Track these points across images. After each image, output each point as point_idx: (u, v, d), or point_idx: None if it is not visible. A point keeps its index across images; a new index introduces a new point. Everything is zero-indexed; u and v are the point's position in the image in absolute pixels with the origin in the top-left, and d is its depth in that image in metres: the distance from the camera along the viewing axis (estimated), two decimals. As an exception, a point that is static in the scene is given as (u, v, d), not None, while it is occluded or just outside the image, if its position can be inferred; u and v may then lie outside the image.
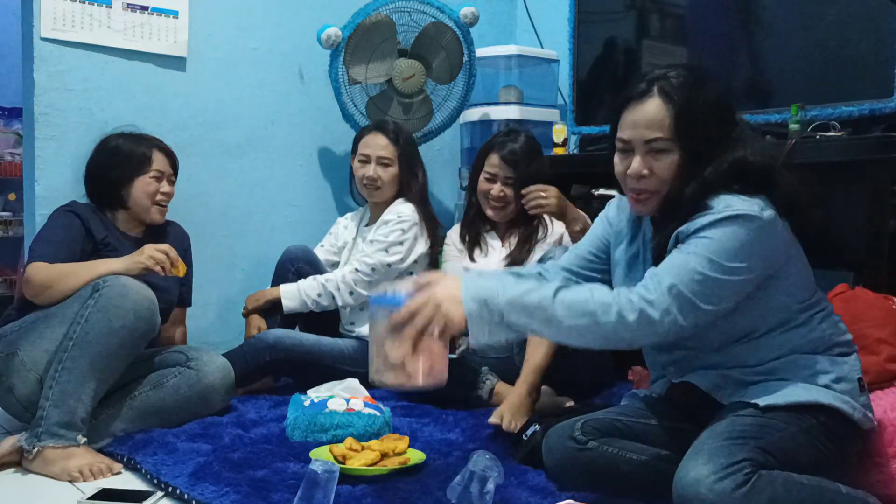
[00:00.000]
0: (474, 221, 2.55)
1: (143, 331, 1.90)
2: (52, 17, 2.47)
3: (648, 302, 1.37)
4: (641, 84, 1.48)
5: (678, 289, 1.37)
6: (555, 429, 1.62)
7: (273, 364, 2.41)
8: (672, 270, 1.39)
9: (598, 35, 2.96)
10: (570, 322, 1.37)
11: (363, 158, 2.62)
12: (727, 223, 1.39)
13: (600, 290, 1.41)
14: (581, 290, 1.41)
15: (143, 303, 1.90)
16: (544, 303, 1.38)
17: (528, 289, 1.40)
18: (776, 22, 2.44)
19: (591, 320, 1.37)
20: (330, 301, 2.53)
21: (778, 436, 1.39)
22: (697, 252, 1.39)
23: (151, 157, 2.24)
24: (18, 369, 1.91)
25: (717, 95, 1.48)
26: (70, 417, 1.78)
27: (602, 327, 1.37)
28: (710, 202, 1.43)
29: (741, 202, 1.41)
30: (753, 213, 1.39)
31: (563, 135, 2.99)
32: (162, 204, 2.26)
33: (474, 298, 1.38)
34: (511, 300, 1.38)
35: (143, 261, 1.97)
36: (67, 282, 1.95)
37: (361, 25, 2.80)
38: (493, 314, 1.38)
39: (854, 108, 2.16)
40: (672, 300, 1.37)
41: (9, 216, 4.08)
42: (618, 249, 1.67)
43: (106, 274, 1.93)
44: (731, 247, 1.38)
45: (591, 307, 1.37)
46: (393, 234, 2.54)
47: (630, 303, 1.37)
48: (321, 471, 1.42)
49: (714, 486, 1.28)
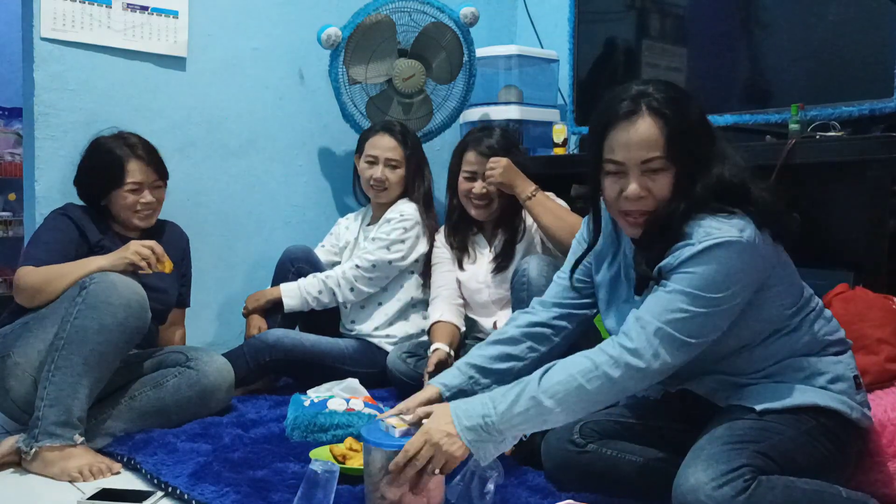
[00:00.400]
0: (458, 226, 2.50)
1: (134, 325, 1.89)
2: (52, 17, 2.47)
3: (631, 351, 1.36)
4: (624, 102, 1.43)
5: (664, 331, 1.36)
6: (553, 431, 1.62)
7: (273, 364, 2.41)
8: (655, 312, 1.38)
9: (598, 35, 2.96)
10: (565, 406, 1.38)
11: (371, 159, 2.61)
12: (707, 255, 1.36)
13: (576, 361, 1.40)
14: (558, 371, 1.40)
15: (133, 297, 1.89)
16: (533, 402, 1.38)
17: (516, 394, 1.39)
18: (776, 22, 2.44)
19: (581, 394, 1.37)
20: (331, 298, 2.52)
21: (777, 439, 1.38)
22: (680, 289, 1.37)
23: (125, 169, 2.15)
24: (13, 371, 1.90)
25: (700, 110, 1.46)
26: (66, 416, 1.78)
27: (595, 394, 1.38)
28: (689, 229, 1.40)
29: (719, 227, 1.38)
30: (733, 239, 1.36)
31: (563, 135, 2.99)
32: (143, 213, 2.21)
33: (470, 429, 1.39)
34: (503, 415, 1.38)
35: (129, 256, 1.96)
36: (56, 283, 1.94)
37: (361, 25, 2.80)
38: (493, 434, 1.39)
39: (854, 108, 2.16)
40: (659, 342, 1.36)
41: (9, 216, 4.08)
42: (599, 272, 1.65)
43: (93, 272, 1.92)
44: (714, 279, 1.36)
45: (577, 382, 1.37)
46: (395, 231, 2.54)
47: (611, 360, 1.37)
48: (321, 471, 1.42)
49: (714, 494, 1.28)
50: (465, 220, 2.48)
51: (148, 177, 2.20)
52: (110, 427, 1.96)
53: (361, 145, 2.68)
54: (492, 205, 2.39)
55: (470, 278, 2.45)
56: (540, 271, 2.12)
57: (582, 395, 1.37)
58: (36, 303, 1.97)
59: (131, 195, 2.17)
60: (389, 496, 1.45)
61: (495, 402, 1.40)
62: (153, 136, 2.37)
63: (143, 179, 2.19)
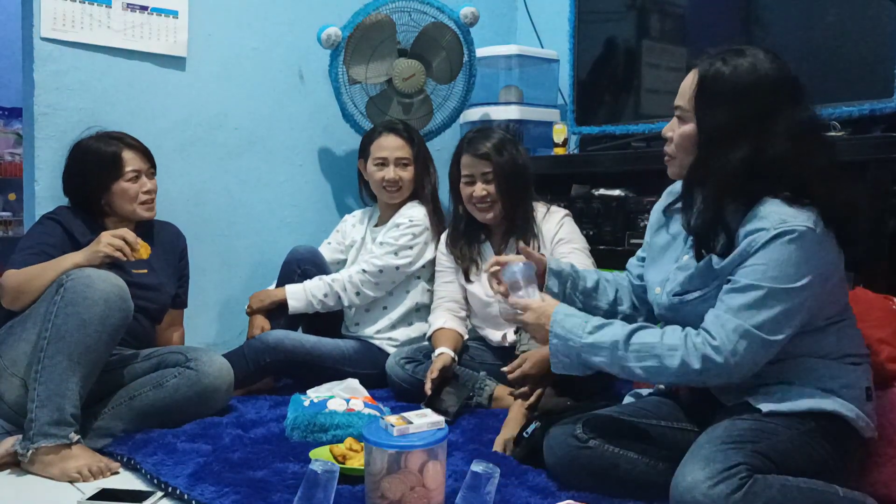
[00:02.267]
0: (466, 233, 2.42)
1: (116, 317, 1.88)
2: (52, 17, 2.46)
3: (714, 347, 1.39)
4: (702, 56, 1.50)
5: (744, 328, 1.38)
6: (556, 426, 1.62)
7: (273, 365, 2.41)
8: (734, 310, 1.39)
9: (598, 35, 2.96)
10: (639, 364, 1.45)
11: (380, 161, 2.60)
12: (781, 242, 1.37)
13: (671, 333, 1.45)
14: (652, 333, 1.47)
15: (112, 290, 1.87)
16: (618, 346, 1.46)
17: (607, 332, 1.49)
18: (776, 22, 2.44)
19: (658, 363, 1.43)
20: (336, 301, 2.52)
21: (776, 440, 1.39)
22: (756, 283, 1.37)
23: (122, 158, 2.18)
24: (2, 375, 1.90)
25: (753, 78, 1.44)
26: (59, 415, 1.78)
27: (668, 370, 1.43)
28: (760, 211, 1.40)
29: (793, 214, 1.38)
30: (807, 228, 1.37)
31: (563, 135, 2.99)
32: (146, 202, 2.23)
33: (558, 335, 1.52)
34: (589, 342, 1.48)
35: (101, 249, 1.95)
36: (35, 283, 1.94)
37: (361, 25, 2.80)
38: (571, 353, 1.50)
39: (854, 108, 2.16)
40: (738, 340, 1.37)
41: (9, 216, 4.08)
42: (654, 236, 1.71)
43: (69, 269, 1.92)
44: (788, 270, 1.37)
45: (658, 351, 1.43)
46: (404, 237, 2.53)
47: (694, 348, 1.41)
48: (321, 471, 1.42)
49: (709, 492, 1.28)
50: (473, 227, 2.41)
51: (143, 164, 2.23)
52: (110, 427, 1.96)
53: (366, 148, 2.67)
54: (496, 205, 2.33)
55: (479, 291, 2.39)
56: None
57: (659, 365, 1.44)
58: (19, 304, 1.97)
59: (132, 184, 2.19)
60: (390, 496, 1.45)
61: (589, 326, 1.51)
62: (153, 136, 2.38)
63: (140, 167, 2.22)
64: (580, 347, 1.50)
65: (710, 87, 1.45)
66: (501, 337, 2.36)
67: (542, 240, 2.33)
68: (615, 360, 1.47)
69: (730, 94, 1.43)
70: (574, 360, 1.52)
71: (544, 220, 2.35)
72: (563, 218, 2.35)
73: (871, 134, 2.14)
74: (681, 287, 1.53)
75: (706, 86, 1.45)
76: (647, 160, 2.64)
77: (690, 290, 1.52)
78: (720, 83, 1.44)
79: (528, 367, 1.98)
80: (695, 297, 1.51)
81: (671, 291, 1.55)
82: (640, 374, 1.46)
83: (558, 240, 2.31)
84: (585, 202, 2.74)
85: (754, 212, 1.41)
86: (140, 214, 2.22)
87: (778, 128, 1.42)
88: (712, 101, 1.44)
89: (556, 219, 2.35)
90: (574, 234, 2.33)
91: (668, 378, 1.46)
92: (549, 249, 2.31)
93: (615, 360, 1.47)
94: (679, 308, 1.54)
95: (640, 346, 1.45)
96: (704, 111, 1.45)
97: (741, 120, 1.43)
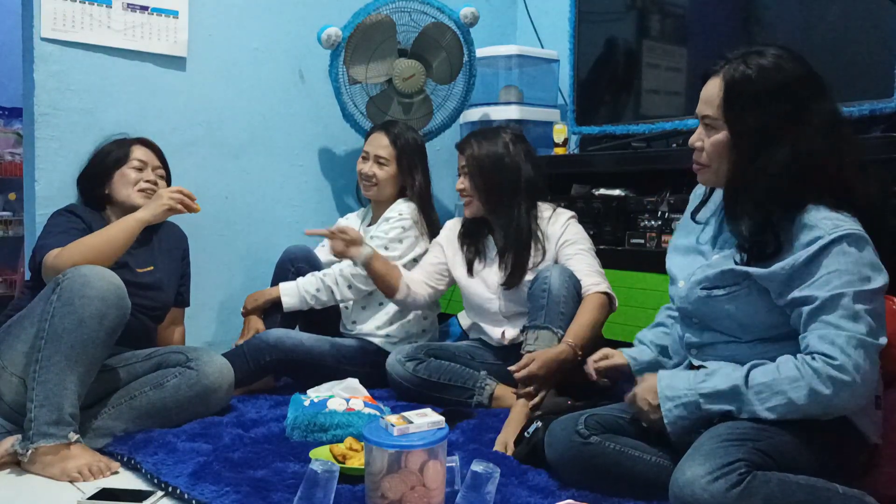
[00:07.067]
0: (470, 228, 2.42)
1: (114, 316, 1.86)
2: (52, 17, 2.46)
3: (837, 367, 1.34)
4: (719, 62, 1.49)
5: (856, 338, 1.34)
6: (558, 422, 1.63)
7: (273, 364, 2.41)
8: (835, 325, 1.35)
9: (598, 35, 2.96)
10: (764, 406, 1.39)
11: (364, 155, 2.67)
12: (844, 246, 1.36)
13: (784, 365, 1.39)
14: (766, 371, 1.41)
15: (109, 288, 1.86)
16: (739, 390, 1.41)
17: (720, 378, 1.44)
18: (776, 22, 2.44)
19: (785, 399, 1.38)
20: (329, 296, 2.52)
21: (778, 439, 1.38)
22: (844, 291, 1.35)
23: (130, 150, 2.25)
24: (1, 374, 1.90)
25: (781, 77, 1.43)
26: (58, 415, 1.78)
27: (797, 404, 1.37)
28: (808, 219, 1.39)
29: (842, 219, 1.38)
30: (860, 229, 1.37)
31: (563, 135, 2.99)
32: (144, 189, 2.23)
33: (669, 397, 1.48)
34: (706, 393, 1.44)
35: (165, 202, 2.07)
36: (106, 248, 1.98)
37: (361, 25, 2.80)
38: (690, 408, 1.46)
39: (854, 108, 2.16)
40: (854, 351, 1.34)
41: (9, 216, 4.08)
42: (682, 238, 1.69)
43: (133, 227, 2.03)
44: (864, 271, 1.36)
45: (782, 387, 1.38)
46: (393, 230, 2.54)
47: (816, 373, 1.35)
48: (321, 471, 1.42)
49: (708, 487, 1.29)
50: (477, 220, 2.41)
51: (152, 160, 2.28)
52: (110, 427, 1.96)
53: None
54: (472, 202, 2.33)
55: (479, 285, 2.39)
56: (562, 282, 2.10)
57: (787, 401, 1.37)
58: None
59: (135, 172, 2.23)
60: (390, 496, 1.45)
61: (697, 380, 1.46)
62: (153, 136, 2.38)
63: (147, 160, 2.27)
64: (698, 401, 1.44)
65: (740, 93, 1.43)
66: (500, 334, 2.36)
67: (547, 241, 2.32)
68: (741, 405, 1.41)
69: (761, 97, 1.43)
70: (693, 414, 1.45)
71: (550, 221, 2.35)
72: (569, 219, 2.35)
73: (871, 134, 2.14)
74: (710, 282, 1.52)
75: (735, 92, 1.44)
76: (647, 160, 2.64)
77: (720, 286, 1.51)
78: (749, 87, 1.43)
79: (535, 367, 1.97)
80: (722, 293, 1.50)
81: (700, 284, 1.54)
82: (768, 416, 1.39)
83: (564, 241, 2.30)
84: (586, 202, 2.74)
85: (801, 221, 1.40)
86: (134, 200, 2.20)
87: (812, 123, 1.42)
88: (744, 106, 1.43)
89: (562, 220, 2.34)
90: (580, 236, 2.33)
91: (800, 412, 1.37)
92: (555, 251, 2.30)
93: (741, 405, 1.41)
94: (705, 302, 1.53)
95: (760, 388, 1.39)
96: (737, 117, 1.44)
97: (776, 121, 1.42)
